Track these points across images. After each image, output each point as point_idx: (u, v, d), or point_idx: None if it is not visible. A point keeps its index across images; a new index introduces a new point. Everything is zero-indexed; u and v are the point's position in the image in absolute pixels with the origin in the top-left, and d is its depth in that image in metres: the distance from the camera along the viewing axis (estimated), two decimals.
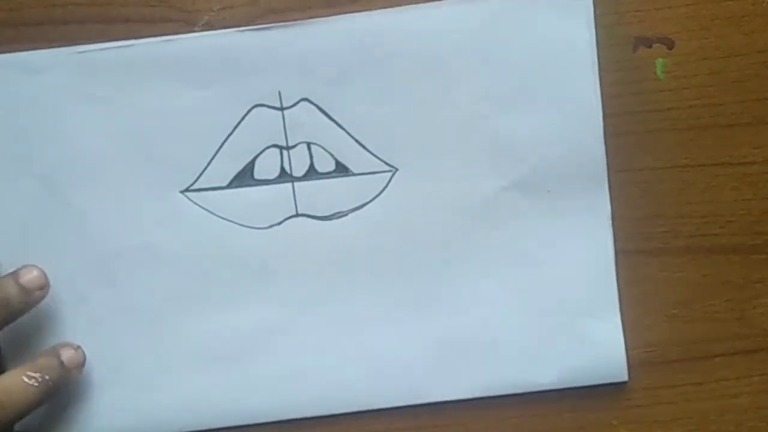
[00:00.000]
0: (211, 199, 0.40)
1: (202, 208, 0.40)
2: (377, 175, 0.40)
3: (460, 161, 0.40)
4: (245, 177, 0.40)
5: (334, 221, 0.40)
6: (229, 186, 0.40)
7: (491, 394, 0.40)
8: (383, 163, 0.40)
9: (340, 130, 0.40)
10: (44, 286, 0.39)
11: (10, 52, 0.40)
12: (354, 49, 0.39)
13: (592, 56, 0.39)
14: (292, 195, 0.40)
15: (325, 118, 0.40)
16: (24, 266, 0.39)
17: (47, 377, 0.38)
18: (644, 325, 0.41)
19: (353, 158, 0.40)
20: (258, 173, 0.40)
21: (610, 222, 0.40)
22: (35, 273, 0.39)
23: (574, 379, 0.40)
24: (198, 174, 0.40)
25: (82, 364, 0.39)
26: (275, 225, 0.40)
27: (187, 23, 0.40)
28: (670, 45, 0.40)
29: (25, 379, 0.37)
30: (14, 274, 0.39)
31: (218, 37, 0.39)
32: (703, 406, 0.41)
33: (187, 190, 0.40)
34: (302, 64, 0.39)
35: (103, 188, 0.40)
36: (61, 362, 0.39)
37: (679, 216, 0.41)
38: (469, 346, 0.40)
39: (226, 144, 0.40)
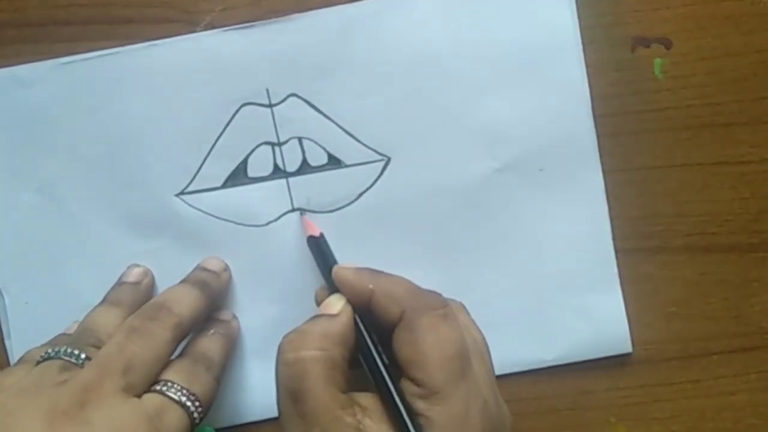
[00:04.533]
0: (207, 200, 0.40)
1: (199, 210, 0.40)
2: (370, 165, 0.40)
3: (451, 146, 0.40)
4: (239, 176, 0.40)
5: (331, 213, 0.40)
6: (224, 186, 0.40)
7: (496, 374, 0.40)
8: (375, 153, 0.40)
9: (330, 122, 0.40)
10: (227, 268, 0.40)
11: (12, 53, 0.40)
12: (338, 41, 0.40)
13: (575, 35, 0.40)
14: (287, 190, 0.40)
15: (315, 112, 0.40)
16: (205, 258, 0.40)
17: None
18: (642, 323, 0.41)
19: (345, 150, 0.40)
20: (251, 171, 0.40)
21: (605, 196, 0.40)
22: (215, 260, 0.40)
23: (577, 354, 0.40)
24: (192, 176, 0.40)
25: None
26: (272, 221, 0.40)
27: (189, 24, 0.40)
28: (668, 45, 0.40)
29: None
30: (199, 265, 0.40)
31: (202, 38, 0.40)
32: (700, 404, 0.41)
33: (182, 193, 0.40)
34: (288, 59, 0.40)
35: (101, 196, 0.40)
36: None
37: (677, 215, 0.41)
38: None
39: (217, 144, 0.40)
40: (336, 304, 0.35)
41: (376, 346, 0.34)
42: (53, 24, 0.40)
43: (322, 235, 0.39)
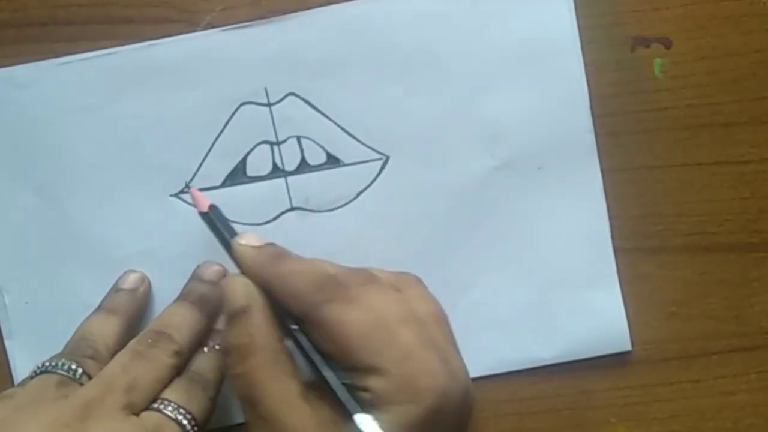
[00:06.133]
0: None
1: None
2: (369, 163, 0.40)
3: (450, 145, 0.40)
4: (238, 175, 0.40)
5: (329, 212, 0.40)
6: (223, 185, 0.40)
7: (495, 372, 0.41)
8: (374, 152, 0.40)
9: (328, 121, 0.40)
10: (225, 273, 0.39)
11: (12, 53, 0.40)
12: (337, 40, 0.40)
13: (573, 34, 0.40)
14: (285, 190, 0.40)
15: (313, 111, 0.40)
16: (203, 263, 0.40)
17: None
18: (642, 323, 0.41)
19: (344, 149, 0.40)
20: (250, 170, 0.40)
21: (603, 194, 0.40)
22: (215, 267, 0.39)
23: (577, 351, 0.40)
24: (191, 175, 0.40)
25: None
26: (271, 220, 0.40)
27: (189, 23, 0.40)
28: (667, 45, 0.40)
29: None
30: (196, 275, 0.40)
31: (201, 38, 0.40)
32: (700, 404, 0.41)
33: (181, 192, 0.40)
34: (286, 58, 0.40)
35: (100, 197, 0.40)
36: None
37: (677, 214, 0.41)
38: (470, 326, 0.40)
39: (216, 144, 0.40)
40: (241, 294, 0.34)
41: (296, 328, 0.34)
42: (53, 24, 0.40)
43: (213, 207, 0.37)
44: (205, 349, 0.38)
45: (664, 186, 0.41)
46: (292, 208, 0.40)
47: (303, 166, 0.40)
